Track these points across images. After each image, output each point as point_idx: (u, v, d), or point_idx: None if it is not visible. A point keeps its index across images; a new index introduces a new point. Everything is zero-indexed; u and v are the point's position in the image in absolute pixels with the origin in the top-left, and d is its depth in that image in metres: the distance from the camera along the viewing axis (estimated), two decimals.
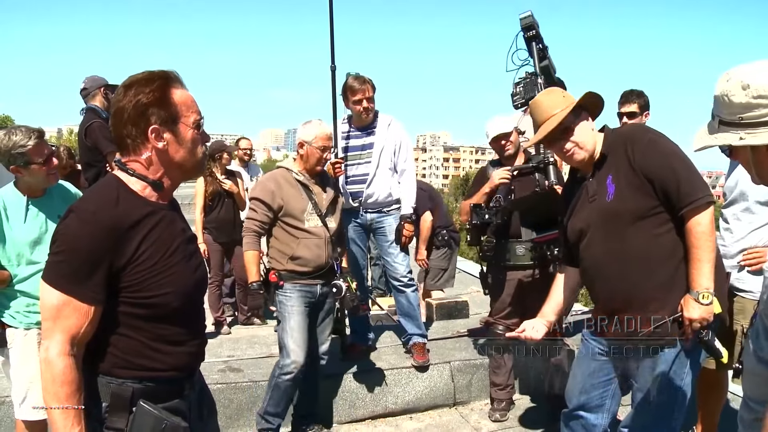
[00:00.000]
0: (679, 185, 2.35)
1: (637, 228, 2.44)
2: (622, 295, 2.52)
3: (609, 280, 2.58)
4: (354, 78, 4.43)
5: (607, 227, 2.51)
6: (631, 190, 2.43)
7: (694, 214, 2.34)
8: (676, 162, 2.39)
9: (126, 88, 1.71)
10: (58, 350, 1.57)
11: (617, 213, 2.46)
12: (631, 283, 2.49)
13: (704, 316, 2.33)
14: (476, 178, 4.57)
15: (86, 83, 4.77)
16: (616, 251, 2.49)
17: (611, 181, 2.49)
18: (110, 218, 1.63)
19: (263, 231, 3.71)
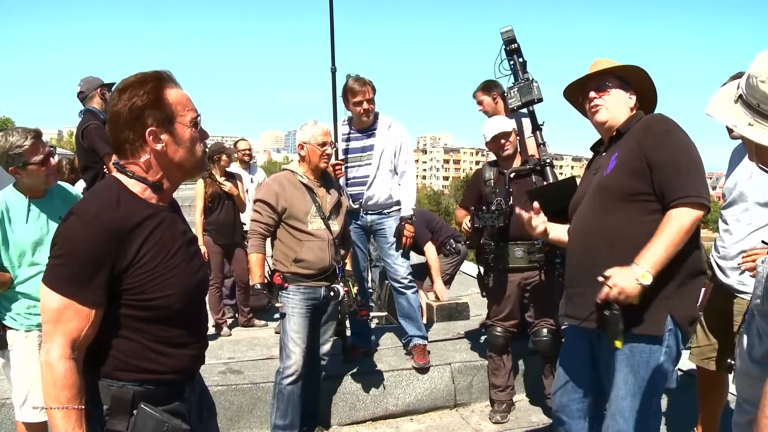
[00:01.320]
0: (676, 178, 2.33)
1: (622, 208, 2.43)
2: (582, 270, 2.52)
3: (576, 252, 2.60)
4: (354, 80, 4.44)
5: (596, 200, 2.51)
6: (628, 169, 2.42)
7: (678, 206, 2.31)
8: (682, 156, 2.37)
9: (120, 92, 1.70)
10: (59, 353, 1.56)
11: (608, 188, 2.47)
12: (593, 259, 2.46)
13: (630, 292, 2.27)
14: (470, 182, 4.59)
15: (82, 86, 4.74)
16: (595, 225, 2.49)
17: (615, 158, 2.49)
18: (111, 220, 1.63)
19: (268, 233, 3.71)
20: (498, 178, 4.23)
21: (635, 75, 2.61)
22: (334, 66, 4.63)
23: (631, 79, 2.62)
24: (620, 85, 2.59)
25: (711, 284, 2.82)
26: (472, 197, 4.40)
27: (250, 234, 3.71)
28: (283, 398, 3.68)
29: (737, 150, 3.29)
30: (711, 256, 3.36)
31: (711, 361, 3.40)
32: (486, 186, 4.28)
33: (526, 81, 4.07)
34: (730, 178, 3.27)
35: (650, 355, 2.42)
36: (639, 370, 2.43)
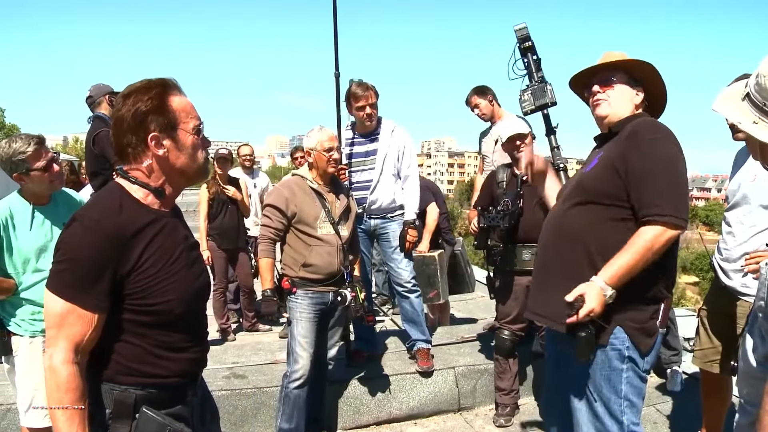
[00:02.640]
0: (654, 193, 2.25)
1: (592, 209, 2.35)
2: (548, 268, 2.49)
3: (545, 248, 2.54)
4: (357, 84, 4.46)
5: (570, 197, 2.46)
6: (606, 171, 2.35)
7: (652, 224, 2.24)
8: (664, 170, 2.27)
9: (125, 98, 1.73)
10: (62, 358, 1.57)
11: (583, 186, 2.43)
12: (558, 258, 2.44)
13: (599, 312, 2.22)
14: (484, 183, 4.56)
15: (91, 91, 4.80)
16: (564, 222, 2.43)
17: (599, 157, 2.44)
18: (114, 226, 1.64)
19: (278, 238, 3.71)
20: (511, 180, 4.23)
21: (645, 71, 2.49)
22: (337, 71, 4.65)
23: (640, 75, 2.51)
24: (627, 80, 2.49)
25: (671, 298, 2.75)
26: (485, 198, 4.39)
27: (260, 239, 3.71)
28: (290, 402, 3.68)
29: (741, 152, 3.29)
30: (714, 259, 3.36)
31: (714, 364, 3.39)
32: (498, 187, 4.28)
33: (539, 83, 4.03)
34: (733, 180, 3.26)
35: (610, 372, 2.35)
36: (602, 390, 2.37)
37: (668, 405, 4.49)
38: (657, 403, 4.53)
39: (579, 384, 2.42)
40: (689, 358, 3.93)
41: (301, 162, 6.72)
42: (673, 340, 4.65)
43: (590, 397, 2.39)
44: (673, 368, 4.64)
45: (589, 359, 2.31)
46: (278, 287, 3.72)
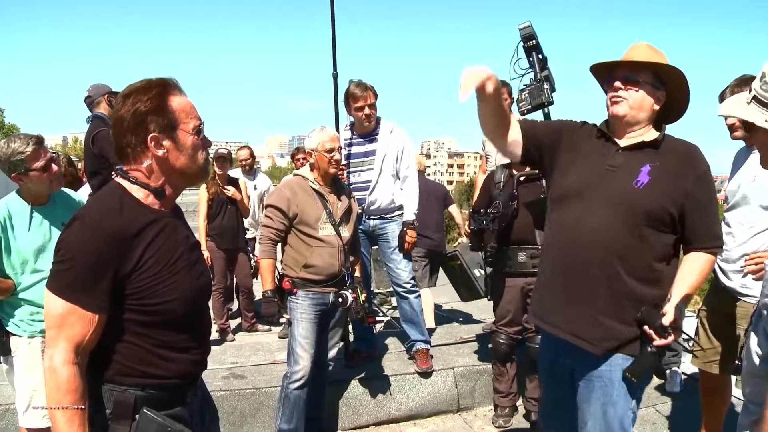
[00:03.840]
0: (713, 225, 2.34)
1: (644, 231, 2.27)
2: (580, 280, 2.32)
3: (575, 255, 2.35)
4: (356, 85, 4.46)
5: (617, 211, 2.28)
6: (666, 196, 2.26)
7: (710, 253, 2.35)
8: (714, 205, 2.37)
9: (124, 98, 1.72)
10: (62, 358, 1.57)
11: (637, 205, 2.26)
12: (598, 275, 2.28)
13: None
14: (483, 184, 4.55)
15: (90, 91, 4.79)
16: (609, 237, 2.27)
17: (648, 172, 2.30)
18: (114, 226, 1.64)
19: (279, 239, 3.71)
20: (508, 181, 4.22)
21: (673, 77, 2.37)
22: (336, 71, 4.65)
23: (667, 79, 2.37)
24: (652, 81, 2.35)
25: None
26: (484, 199, 4.37)
27: (261, 239, 3.71)
28: (289, 403, 3.68)
29: (740, 153, 3.29)
30: None
31: (714, 365, 3.39)
32: (495, 188, 4.27)
33: (537, 83, 4.01)
34: (733, 180, 3.27)
35: (629, 383, 2.32)
36: (618, 402, 2.33)
37: (668, 406, 4.50)
38: (656, 403, 4.53)
39: (595, 397, 2.36)
40: (688, 359, 3.93)
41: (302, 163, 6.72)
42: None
43: (605, 409, 2.34)
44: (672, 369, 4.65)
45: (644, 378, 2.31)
46: (279, 288, 3.72)
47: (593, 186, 2.35)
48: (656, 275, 2.30)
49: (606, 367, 2.32)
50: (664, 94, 2.39)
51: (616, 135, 2.43)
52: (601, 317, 2.28)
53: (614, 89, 2.38)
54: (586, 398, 2.39)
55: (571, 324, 2.36)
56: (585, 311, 2.31)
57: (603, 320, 2.28)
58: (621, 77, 2.37)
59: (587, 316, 2.31)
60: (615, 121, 2.43)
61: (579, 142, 2.49)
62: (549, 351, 2.60)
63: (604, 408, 2.33)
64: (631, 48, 2.44)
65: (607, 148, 2.42)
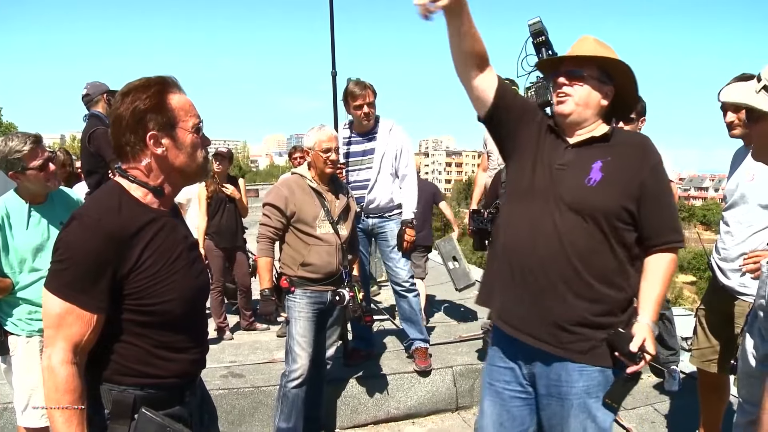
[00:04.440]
0: (671, 220, 2.23)
1: (601, 230, 2.15)
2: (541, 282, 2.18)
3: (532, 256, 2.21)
4: (355, 83, 4.45)
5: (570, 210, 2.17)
6: (622, 192, 2.17)
7: (671, 251, 2.23)
8: (671, 197, 2.27)
9: (123, 96, 1.72)
10: (60, 358, 1.57)
11: (593, 203, 2.15)
12: (556, 276, 2.16)
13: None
14: (492, 183, 4.50)
15: (88, 89, 4.77)
16: (566, 237, 2.16)
17: (600, 168, 2.19)
18: (113, 225, 1.63)
19: (277, 237, 3.70)
20: None
21: (620, 71, 2.27)
22: (334, 70, 4.64)
23: (614, 73, 2.27)
24: (598, 76, 2.25)
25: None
26: (491, 198, 4.36)
27: (259, 238, 3.70)
28: (288, 401, 3.67)
29: (739, 152, 3.29)
30: (712, 258, 3.37)
31: (712, 363, 3.39)
32: (502, 188, 4.24)
33: (544, 80, 3.97)
34: (731, 179, 3.27)
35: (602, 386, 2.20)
36: (597, 415, 2.19)
37: (666, 404, 4.50)
38: (655, 402, 4.54)
39: (573, 415, 2.21)
40: (687, 358, 3.94)
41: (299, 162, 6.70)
42: (671, 340, 4.66)
43: (583, 425, 2.21)
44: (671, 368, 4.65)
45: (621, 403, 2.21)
46: (277, 286, 3.71)
47: (545, 186, 2.24)
48: (621, 276, 2.20)
49: (583, 383, 2.18)
50: (612, 89, 2.29)
51: (565, 133, 2.32)
52: (566, 323, 2.16)
53: (558, 85, 2.29)
54: (564, 417, 2.22)
55: (536, 328, 2.21)
56: (549, 316, 2.18)
57: (569, 326, 2.16)
58: (565, 72, 2.27)
59: (551, 322, 2.18)
60: (561, 120, 2.31)
61: (536, 134, 2.36)
62: (507, 358, 2.38)
63: (584, 424, 2.20)
64: (576, 42, 2.35)
65: (556, 145, 2.31)
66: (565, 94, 2.26)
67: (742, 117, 3.06)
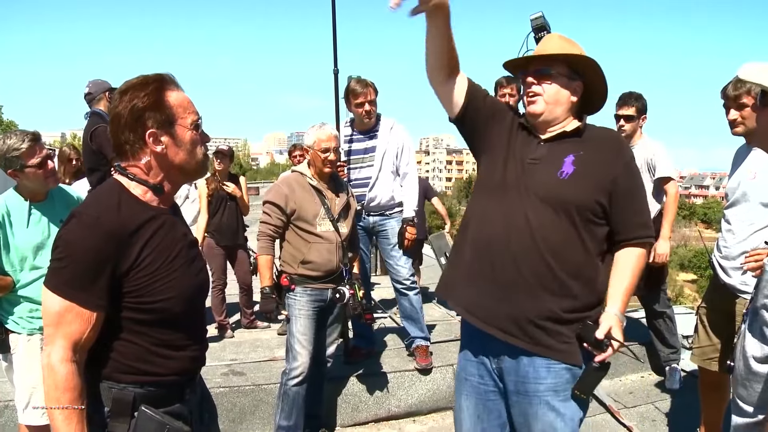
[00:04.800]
0: (642, 216, 2.23)
1: (573, 224, 2.14)
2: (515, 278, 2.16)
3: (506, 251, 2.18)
4: (356, 81, 4.45)
5: (544, 203, 2.16)
6: (595, 186, 2.16)
7: (642, 246, 2.23)
8: (643, 193, 2.28)
9: (122, 94, 1.71)
10: (60, 356, 1.57)
11: (564, 197, 2.14)
12: (530, 272, 2.15)
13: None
14: None
15: (90, 87, 4.76)
16: (538, 231, 2.14)
17: (572, 162, 2.19)
18: (112, 223, 1.63)
19: (277, 235, 3.70)
20: None
21: (587, 67, 2.26)
22: (336, 68, 4.63)
23: (583, 69, 2.27)
24: (567, 73, 2.25)
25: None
26: None
27: (259, 236, 3.69)
28: (288, 399, 3.68)
29: (741, 150, 3.29)
30: (713, 257, 3.36)
31: (713, 362, 3.39)
32: None
33: None
34: (733, 178, 3.26)
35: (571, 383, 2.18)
36: (566, 413, 2.17)
37: (667, 402, 4.50)
38: (656, 400, 4.54)
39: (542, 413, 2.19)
40: (688, 356, 3.93)
41: (299, 160, 6.70)
42: (672, 338, 4.66)
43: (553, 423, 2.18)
44: (671, 366, 4.66)
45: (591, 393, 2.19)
46: (277, 284, 3.71)
47: (517, 180, 2.23)
48: (591, 272, 2.19)
49: (551, 380, 2.17)
50: (581, 85, 2.28)
51: (537, 130, 2.32)
52: (536, 318, 2.15)
53: (528, 85, 2.29)
54: (531, 415, 2.21)
55: (504, 322, 2.20)
56: (519, 310, 2.17)
57: (539, 321, 2.15)
58: (533, 72, 2.28)
59: (521, 316, 2.16)
60: (533, 119, 2.31)
61: (507, 131, 2.35)
62: (477, 352, 2.38)
63: (554, 424, 2.18)
64: (543, 41, 2.37)
65: (529, 141, 2.30)
66: (534, 93, 2.26)
67: (745, 115, 3.06)
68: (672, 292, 36.80)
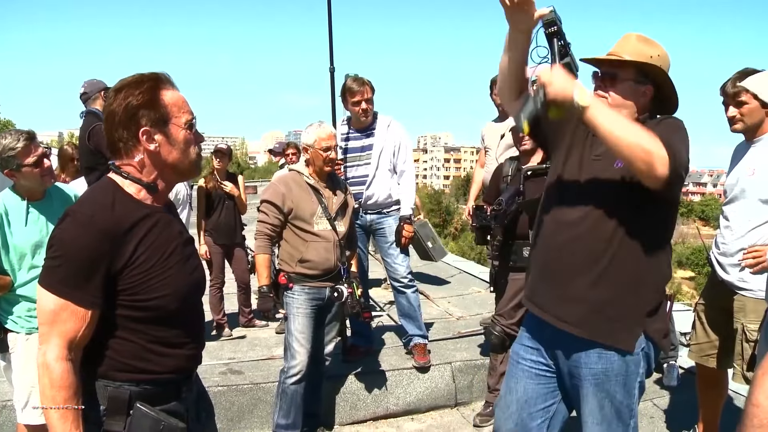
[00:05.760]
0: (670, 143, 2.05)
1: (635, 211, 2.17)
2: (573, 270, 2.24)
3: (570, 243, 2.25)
4: (353, 79, 4.45)
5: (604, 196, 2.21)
6: None
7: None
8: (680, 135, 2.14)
9: (116, 92, 1.71)
10: (55, 354, 1.57)
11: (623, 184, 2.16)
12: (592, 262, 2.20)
13: (559, 91, 2.04)
14: (493, 177, 4.48)
15: (86, 87, 4.76)
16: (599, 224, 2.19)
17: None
18: (107, 221, 1.63)
19: (275, 234, 3.70)
20: (515, 176, 4.12)
21: (656, 72, 2.26)
22: (332, 66, 4.64)
23: (651, 72, 2.26)
24: (634, 77, 2.25)
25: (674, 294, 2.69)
26: (493, 193, 4.32)
27: (256, 235, 3.70)
28: (287, 398, 3.68)
29: (740, 147, 3.29)
30: (711, 253, 3.36)
31: (710, 358, 3.40)
32: (503, 182, 4.21)
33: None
34: (731, 174, 3.26)
35: (626, 377, 2.25)
36: (615, 395, 2.25)
37: (665, 400, 4.50)
38: (654, 397, 4.54)
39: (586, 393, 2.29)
40: (685, 353, 3.94)
41: (292, 159, 6.70)
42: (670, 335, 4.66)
43: (601, 404, 2.28)
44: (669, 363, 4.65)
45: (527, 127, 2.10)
46: (275, 283, 3.71)
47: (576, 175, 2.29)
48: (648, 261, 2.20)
49: (602, 365, 2.24)
50: (650, 88, 2.28)
51: None
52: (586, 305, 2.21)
53: (595, 87, 2.32)
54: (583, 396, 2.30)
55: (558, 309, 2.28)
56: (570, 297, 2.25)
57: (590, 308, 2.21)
58: (601, 74, 2.31)
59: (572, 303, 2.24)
60: None
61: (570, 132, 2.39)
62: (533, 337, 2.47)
63: (602, 403, 2.27)
64: (620, 40, 2.34)
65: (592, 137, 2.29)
66: (600, 96, 2.28)
67: (743, 112, 3.07)
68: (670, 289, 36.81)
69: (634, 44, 2.28)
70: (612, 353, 2.23)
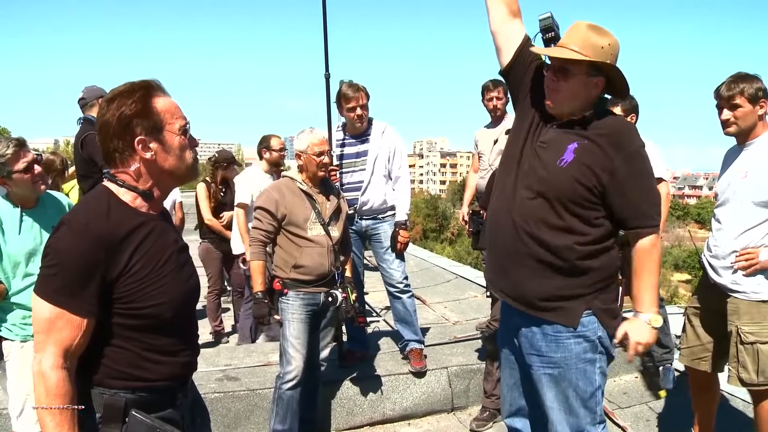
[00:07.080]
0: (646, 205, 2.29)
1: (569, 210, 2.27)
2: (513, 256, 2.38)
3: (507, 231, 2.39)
4: (348, 85, 4.45)
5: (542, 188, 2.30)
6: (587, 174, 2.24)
7: (649, 234, 2.29)
8: (650, 184, 2.31)
9: (109, 102, 1.72)
10: (51, 363, 1.57)
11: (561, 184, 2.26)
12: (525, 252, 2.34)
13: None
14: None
15: (84, 93, 4.78)
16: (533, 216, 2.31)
17: (574, 150, 2.28)
18: (102, 230, 1.63)
19: (269, 240, 3.71)
20: None
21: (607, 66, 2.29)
22: (327, 72, 4.64)
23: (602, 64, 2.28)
24: (587, 70, 2.28)
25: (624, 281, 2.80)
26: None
27: (251, 241, 3.71)
28: (283, 403, 3.68)
29: (732, 150, 3.30)
30: (703, 256, 3.37)
31: (702, 361, 3.40)
32: None
33: None
34: (723, 177, 3.28)
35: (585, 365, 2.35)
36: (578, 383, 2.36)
37: (661, 402, 4.51)
38: (650, 401, 4.55)
39: (550, 380, 2.39)
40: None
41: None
42: (665, 338, 4.67)
43: (565, 392, 2.37)
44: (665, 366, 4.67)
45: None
46: (269, 289, 3.72)
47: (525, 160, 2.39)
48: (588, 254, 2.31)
49: (561, 353, 2.35)
50: (602, 80, 2.32)
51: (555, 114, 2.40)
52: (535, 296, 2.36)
53: (548, 78, 2.36)
54: (546, 384, 2.41)
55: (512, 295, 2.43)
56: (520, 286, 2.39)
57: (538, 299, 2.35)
58: (553, 68, 2.34)
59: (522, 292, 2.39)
60: (550, 111, 2.38)
61: (537, 103, 2.44)
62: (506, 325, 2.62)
63: (566, 393, 2.36)
64: (570, 29, 2.36)
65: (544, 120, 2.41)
66: (552, 89, 2.34)
67: (737, 115, 3.08)
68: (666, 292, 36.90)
69: (585, 33, 2.30)
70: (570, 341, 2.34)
